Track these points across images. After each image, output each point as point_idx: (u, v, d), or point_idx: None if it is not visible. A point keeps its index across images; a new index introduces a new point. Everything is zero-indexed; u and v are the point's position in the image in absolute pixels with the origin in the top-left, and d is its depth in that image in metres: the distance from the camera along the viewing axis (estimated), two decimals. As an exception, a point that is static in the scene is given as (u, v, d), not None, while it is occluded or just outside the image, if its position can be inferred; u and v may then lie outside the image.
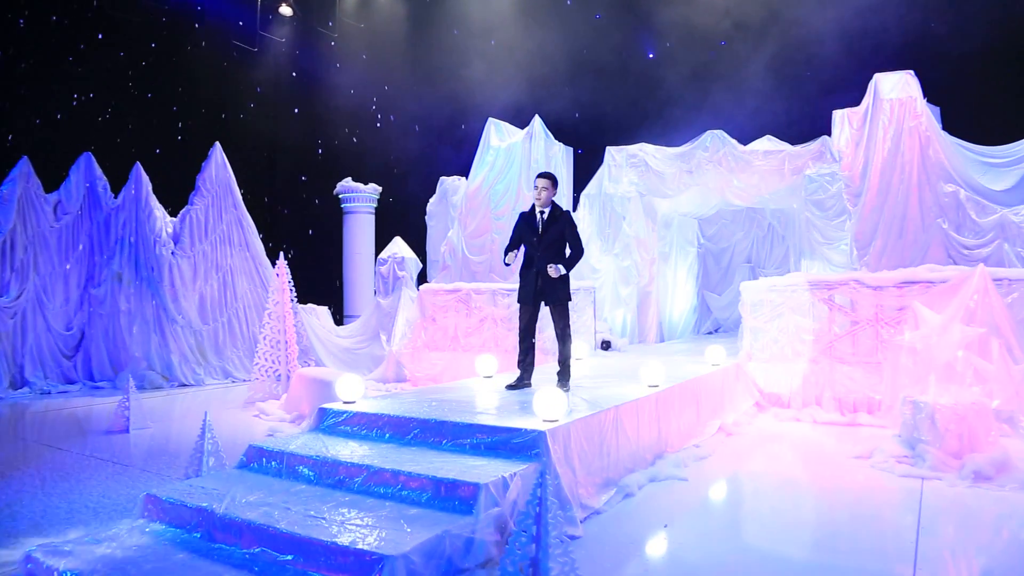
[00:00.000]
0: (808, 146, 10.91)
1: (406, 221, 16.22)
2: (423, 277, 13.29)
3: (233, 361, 12.17)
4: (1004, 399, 5.84)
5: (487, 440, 4.70)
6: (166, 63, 14.98)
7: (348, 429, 5.31)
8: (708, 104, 12.79)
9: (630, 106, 15.01)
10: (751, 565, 3.94)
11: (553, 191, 6.45)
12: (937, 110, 9.57)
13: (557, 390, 4.97)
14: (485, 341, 10.53)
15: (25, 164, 11.27)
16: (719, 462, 6.25)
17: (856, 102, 10.02)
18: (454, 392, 6.46)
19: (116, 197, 11.83)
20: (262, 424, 8.18)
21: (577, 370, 7.04)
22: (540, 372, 6.82)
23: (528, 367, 6.61)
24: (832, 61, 12.09)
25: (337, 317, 14.42)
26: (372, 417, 5.27)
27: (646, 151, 12.20)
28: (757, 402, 8.37)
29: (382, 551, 3.31)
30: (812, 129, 10.82)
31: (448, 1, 16.88)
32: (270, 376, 9.66)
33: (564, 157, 12.75)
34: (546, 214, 6.39)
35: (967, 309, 6.12)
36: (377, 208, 16.64)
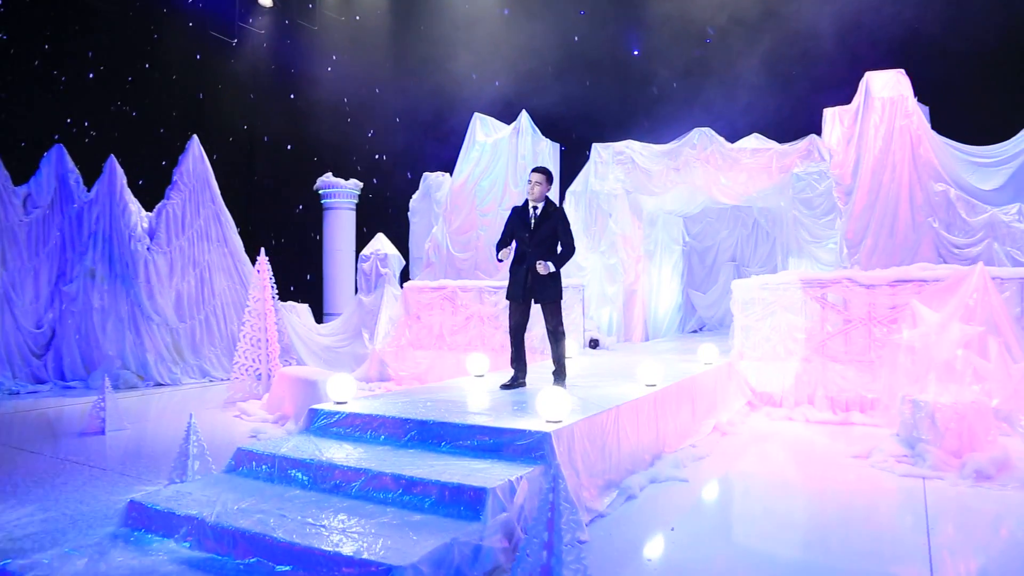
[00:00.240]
0: (796, 144, 10.88)
1: (387, 217, 15.98)
2: (405, 274, 13.06)
3: (211, 360, 11.84)
4: (1003, 398, 5.81)
5: (489, 442, 4.53)
6: (142, 53, 14.54)
7: (341, 431, 5.11)
8: (697, 101, 12.72)
9: (618, 102, 14.92)
10: (771, 571, 3.82)
11: (547, 186, 6.34)
12: (926, 109, 9.60)
13: (560, 390, 4.82)
14: (471, 339, 10.37)
15: (-8, 156, 10.85)
16: (717, 462, 6.16)
17: (844, 101, 10.01)
18: (448, 392, 6.28)
19: (89, 191, 11.42)
20: (244, 425, 7.92)
21: (569, 369, 6.89)
22: (532, 371, 6.67)
23: (522, 366, 6.48)
24: (822, 59, 12.09)
25: (316, 315, 14.12)
26: (366, 418, 5.07)
27: (633, 148, 12.10)
28: (749, 401, 8.30)
29: (389, 561, 3.12)
30: (801, 127, 10.79)
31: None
32: (250, 375, 9.39)
33: (551, 153, 12.61)
34: (539, 209, 6.26)
35: (966, 307, 6.08)
36: (358, 204, 16.35)
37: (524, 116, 12.21)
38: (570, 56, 14.65)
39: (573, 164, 12.66)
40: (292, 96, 17.05)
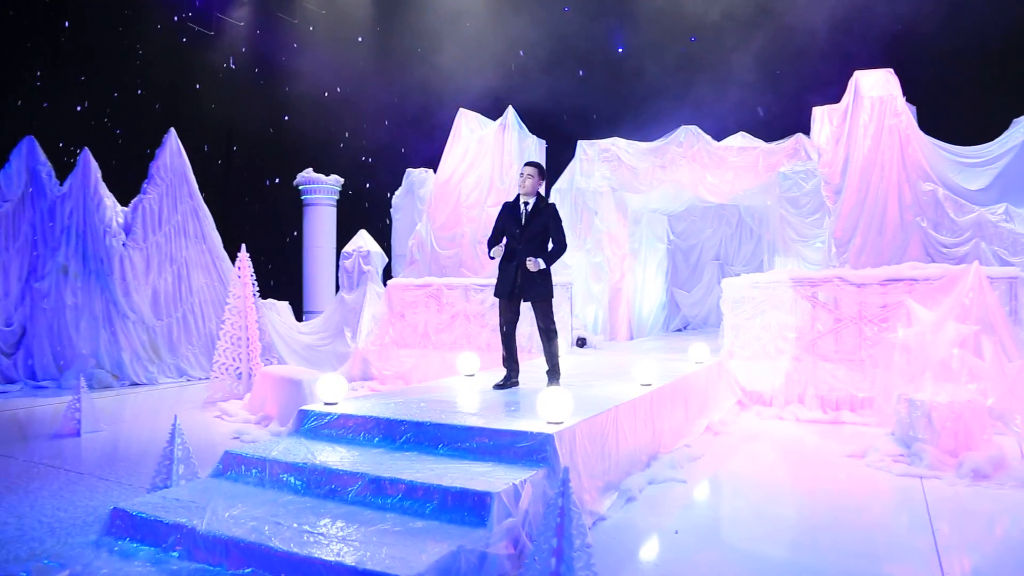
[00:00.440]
0: (783, 143, 10.88)
1: (369, 214, 15.74)
2: (388, 272, 12.86)
3: (188, 359, 11.54)
4: (998, 397, 5.80)
5: (488, 444, 4.39)
6: (117, 43, 14.12)
7: (332, 433, 4.93)
8: (686, 98, 12.65)
9: (605, 98, 14.82)
10: (780, 573, 3.73)
11: (539, 180, 6.25)
12: (913, 109, 9.63)
13: (561, 390, 4.70)
14: (457, 338, 10.22)
15: (-40, 148, 10.47)
16: (713, 462, 6.10)
17: (833, 99, 10.01)
18: (440, 392, 6.12)
19: (62, 184, 11.06)
20: (226, 426, 7.69)
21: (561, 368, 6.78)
22: (523, 370, 6.54)
23: (514, 365, 6.36)
24: (811, 58, 12.09)
25: (296, 313, 13.85)
26: (359, 420, 4.90)
27: (619, 145, 12.02)
28: (739, 400, 8.26)
29: (395, 571, 2.97)
30: (789, 125, 10.79)
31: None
32: (231, 374, 9.16)
33: (537, 149, 12.48)
34: (530, 205, 6.15)
35: (962, 307, 6.07)
36: (339, 200, 16.08)
37: (511, 112, 12.07)
38: (557, 51, 14.52)
39: (559, 161, 12.54)
40: (272, 90, 16.71)
